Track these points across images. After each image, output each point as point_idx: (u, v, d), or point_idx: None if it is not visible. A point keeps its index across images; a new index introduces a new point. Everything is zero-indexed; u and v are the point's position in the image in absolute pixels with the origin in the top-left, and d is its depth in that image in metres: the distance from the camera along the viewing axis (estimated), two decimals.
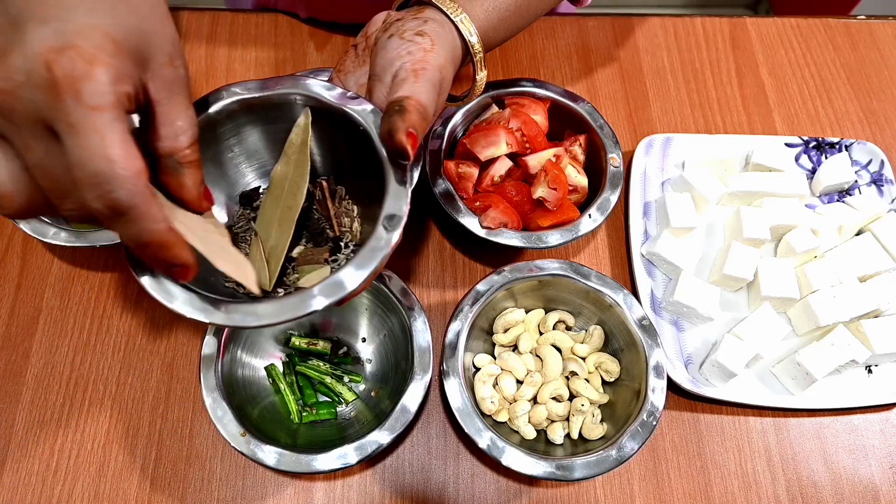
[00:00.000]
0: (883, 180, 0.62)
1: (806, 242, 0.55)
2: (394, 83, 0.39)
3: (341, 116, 0.40)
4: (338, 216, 0.43)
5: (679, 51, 0.71)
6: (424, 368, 0.47)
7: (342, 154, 0.43)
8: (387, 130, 0.36)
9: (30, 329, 0.54)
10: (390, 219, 0.36)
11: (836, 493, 0.50)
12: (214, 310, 0.34)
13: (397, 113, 0.36)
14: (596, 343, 0.52)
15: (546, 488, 0.50)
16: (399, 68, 0.39)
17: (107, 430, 0.51)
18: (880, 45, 0.72)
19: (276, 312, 0.34)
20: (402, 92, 0.38)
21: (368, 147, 0.39)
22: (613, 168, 0.55)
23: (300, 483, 0.49)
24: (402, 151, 0.36)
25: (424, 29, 0.41)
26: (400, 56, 0.40)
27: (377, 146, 0.38)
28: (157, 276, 0.35)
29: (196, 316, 0.34)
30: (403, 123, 0.36)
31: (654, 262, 0.57)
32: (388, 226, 0.36)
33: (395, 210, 0.37)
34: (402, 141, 0.36)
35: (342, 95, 0.40)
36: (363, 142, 0.39)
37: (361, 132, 0.39)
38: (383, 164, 0.38)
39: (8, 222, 0.58)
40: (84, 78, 0.26)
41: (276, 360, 0.52)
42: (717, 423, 0.53)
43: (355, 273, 0.35)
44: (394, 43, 0.41)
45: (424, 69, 0.39)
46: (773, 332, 0.52)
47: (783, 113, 0.68)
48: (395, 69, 0.39)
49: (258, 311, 0.34)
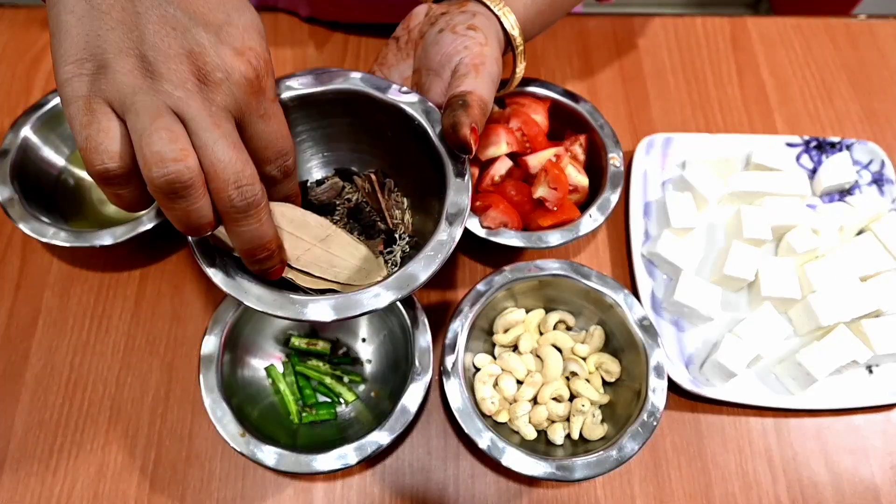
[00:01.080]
0: (884, 180, 0.61)
1: (806, 242, 0.55)
2: (454, 78, 0.40)
3: (394, 111, 0.40)
4: (388, 208, 0.44)
5: (679, 50, 0.71)
6: (424, 368, 0.47)
7: (392, 148, 0.43)
8: (451, 125, 0.37)
9: (29, 329, 0.54)
10: (453, 212, 0.37)
11: (837, 493, 0.50)
12: (290, 305, 0.35)
13: (461, 108, 0.37)
14: (596, 343, 0.52)
15: (546, 489, 0.50)
16: (459, 63, 0.40)
17: (106, 431, 0.51)
18: (881, 45, 0.72)
19: (350, 306, 0.35)
20: (465, 87, 0.39)
21: (422, 141, 0.39)
22: (614, 168, 0.55)
23: (300, 483, 0.49)
24: (465, 145, 0.37)
25: (475, 23, 0.42)
26: (458, 51, 0.40)
27: (433, 140, 0.39)
28: (229, 274, 0.36)
29: (274, 311, 0.35)
30: (467, 118, 0.37)
31: (654, 262, 0.57)
32: (452, 219, 0.37)
33: (457, 203, 0.38)
34: (467, 135, 0.37)
35: (395, 90, 0.40)
36: (416, 136, 0.40)
37: (416, 126, 0.39)
38: (441, 158, 0.39)
39: (7, 223, 0.58)
40: (266, 75, 0.32)
41: (275, 361, 0.52)
42: (718, 423, 0.52)
43: (425, 266, 0.36)
44: (447, 38, 0.41)
45: (483, 64, 0.40)
46: (774, 332, 0.52)
47: (784, 113, 0.68)
48: (454, 64, 0.40)
49: (332, 307, 0.35)
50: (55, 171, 0.58)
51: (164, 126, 0.29)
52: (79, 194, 0.59)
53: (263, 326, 0.52)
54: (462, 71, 0.40)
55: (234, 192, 0.31)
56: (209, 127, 0.30)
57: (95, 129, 0.29)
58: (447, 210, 0.37)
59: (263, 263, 0.35)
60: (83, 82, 0.30)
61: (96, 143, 0.29)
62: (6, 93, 0.65)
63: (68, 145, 0.59)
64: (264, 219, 0.33)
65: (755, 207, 0.57)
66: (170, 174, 0.29)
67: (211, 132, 0.30)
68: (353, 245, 0.41)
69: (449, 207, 0.37)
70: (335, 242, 0.40)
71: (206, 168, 0.30)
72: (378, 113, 0.41)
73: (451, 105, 0.38)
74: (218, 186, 0.31)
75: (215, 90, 0.30)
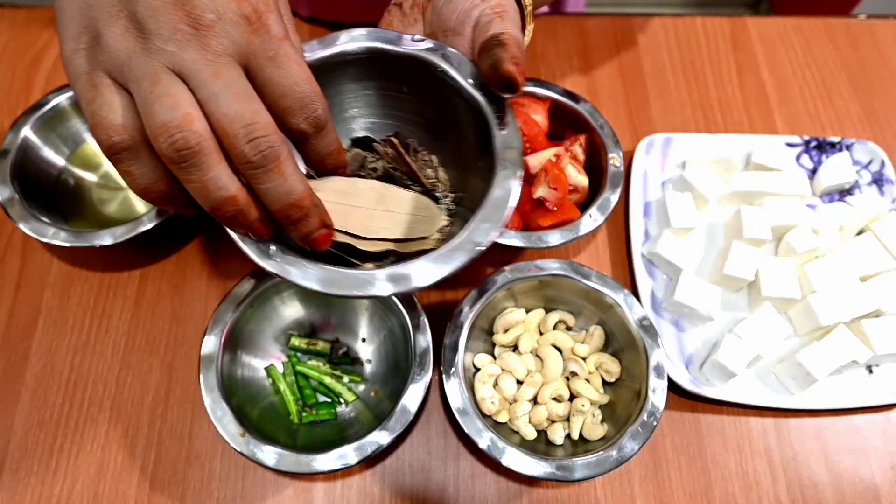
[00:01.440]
0: (884, 180, 0.61)
1: (806, 242, 0.55)
2: (478, 28, 0.37)
3: (412, 63, 0.37)
4: (420, 169, 0.41)
5: (679, 50, 0.71)
6: (424, 369, 0.47)
7: (412, 105, 0.40)
8: (490, 64, 0.34)
9: (29, 329, 0.54)
10: (507, 156, 0.34)
11: (837, 493, 0.50)
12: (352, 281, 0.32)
13: (498, 46, 0.35)
14: (596, 343, 0.52)
15: (546, 489, 0.50)
16: (480, 15, 0.38)
17: (106, 431, 0.51)
18: (881, 45, 0.72)
19: (434, 270, 0.32)
20: (494, 30, 0.36)
21: (447, 89, 0.37)
22: (614, 168, 0.55)
23: (300, 483, 0.49)
24: (511, 80, 0.34)
25: None
26: (475, 5, 0.38)
27: (462, 85, 0.36)
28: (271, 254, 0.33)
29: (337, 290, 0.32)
30: (506, 54, 0.34)
31: (654, 262, 0.57)
32: (507, 164, 0.34)
33: (509, 145, 0.34)
34: (511, 70, 0.34)
35: (408, 40, 0.37)
36: (440, 85, 0.37)
37: (439, 74, 0.37)
38: (476, 101, 0.36)
39: (7, 223, 0.58)
40: (268, 11, 0.29)
41: (275, 361, 0.52)
42: (718, 423, 0.52)
43: (493, 220, 0.33)
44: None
45: (506, 11, 0.38)
46: (774, 332, 0.52)
47: (784, 112, 0.68)
48: (474, 19, 0.38)
49: (412, 272, 0.32)
50: (55, 171, 0.58)
51: (164, 92, 0.28)
52: (79, 194, 0.59)
53: (263, 326, 0.52)
54: (485, 20, 0.37)
55: (247, 146, 0.28)
56: (209, 79, 0.28)
57: (99, 105, 0.29)
58: (499, 156, 0.34)
59: (302, 227, 0.32)
60: (82, 57, 0.29)
61: (101, 119, 0.29)
62: (6, 93, 0.65)
63: (68, 145, 0.59)
64: (289, 173, 0.30)
65: (755, 207, 0.57)
66: (176, 142, 0.27)
67: (211, 84, 0.28)
68: (409, 196, 0.38)
69: (500, 152, 0.34)
70: (391, 199, 0.37)
71: (215, 126, 0.28)
72: (391, 70, 0.38)
73: (486, 47, 0.35)
74: (229, 143, 0.29)
75: (209, 34, 0.28)
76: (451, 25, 0.39)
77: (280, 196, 0.30)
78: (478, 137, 0.36)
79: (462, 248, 0.33)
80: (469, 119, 0.37)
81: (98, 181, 0.60)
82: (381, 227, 0.36)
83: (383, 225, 0.36)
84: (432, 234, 0.38)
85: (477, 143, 0.36)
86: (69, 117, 0.58)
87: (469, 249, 0.33)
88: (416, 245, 0.37)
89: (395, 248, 0.37)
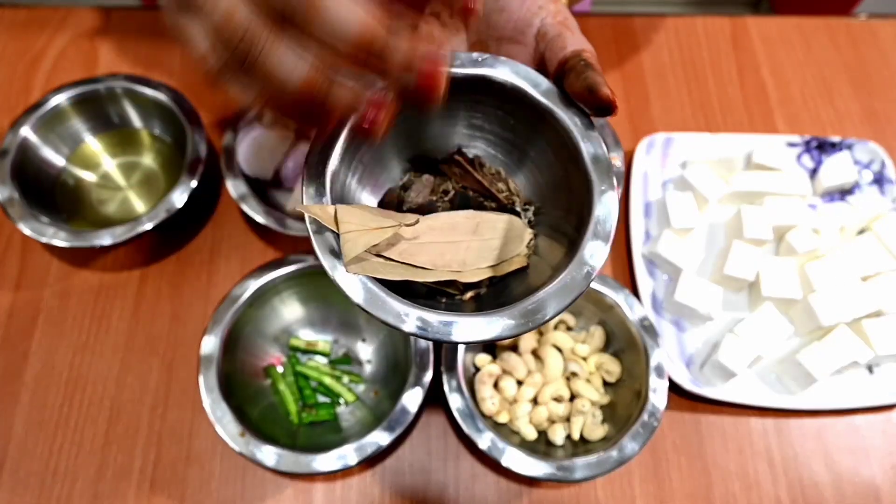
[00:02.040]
0: (884, 180, 0.61)
1: (807, 242, 0.55)
2: (549, 40, 0.37)
3: (477, 81, 0.36)
4: (492, 184, 0.40)
5: (680, 50, 0.71)
6: (424, 369, 0.47)
7: (472, 122, 0.39)
8: (586, 87, 0.34)
9: (28, 330, 0.54)
10: (598, 169, 0.33)
11: (838, 493, 0.50)
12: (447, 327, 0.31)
13: (587, 68, 0.34)
14: (597, 343, 0.52)
15: (547, 489, 0.50)
16: (542, 24, 0.37)
17: (105, 431, 0.51)
18: (882, 45, 0.72)
19: (561, 301, 0.31)
20: (573, 46, 0.36)
21: (515, 104, 0.36)
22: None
23: (300, 484, 0.49)
24: (610, 104, 0.34)
25: None
26: (533, 12, 0.38)
27: (534, 98, 0.35)
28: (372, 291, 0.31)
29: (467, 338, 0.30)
30: (600, 77, 0.34)
31: (655, 262, 0.57)
32: (603, 177, 0.33)
33: (597, 158, 0.34)
34: (608, 94, 0.33)
35: (471, 61, 0.36)
36: (507, 100, 0.36)
37: (510, 90, 0.36)
38: (557, 117, 0.35)
39: (7, 223, 0.58)
40: None
41: (275, 361, 0.52)
42: (719, 423, 0.52)
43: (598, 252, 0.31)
44: (513, 1, 0.38)
45: (567, 19, 0.37)
46: (775, 332, 0.52)
47: (784, 112, 0.68)
48: (535, 27, 0.37)
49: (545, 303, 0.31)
50: (55, 171, 0.58)
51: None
52: (79, 194, 0.59)
53: (263, 326, 0.52)
54: (553, 31, 0.37)
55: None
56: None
57: (184, 23, 0.27)
58: (590, 164, 0.33)
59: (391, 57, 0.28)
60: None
61: (188, 36, 0.27)
62: (6, 93, 0.65)
63: (68, 145, 0.59)
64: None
65: (756, 207, 0.57)
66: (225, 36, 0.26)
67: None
68: (501, 221, 0.38)
69: (591, 161, 0.33)
70: (485, 226, 0.37)
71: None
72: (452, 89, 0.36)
73: (574, 68, 0.35)
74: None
75: None
76: (508, 34, 0.38)
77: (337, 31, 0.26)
78: (558, 150, 0.36)
79: (575, 277, 0.31)
80: (546, 131, 0.36)
81: (98, 181, 0.60)
82: (479, 257, 0.36)
83: (482, 255, 0.36)
84: (522, 250, 0.37)
85: (557, 156, 0.36)
86: (69, 117, 0.58)
87: (586, 274, 0.31)
88: (507, 266, 0.36)
89: (493, 274, 0.36)
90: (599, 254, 0.31)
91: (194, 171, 0.54)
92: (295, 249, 0.57)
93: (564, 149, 0.35)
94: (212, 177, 0.59)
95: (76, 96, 0.57)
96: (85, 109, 0.58)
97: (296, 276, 0.51)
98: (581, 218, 0.33)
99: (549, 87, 0.36)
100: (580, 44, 0.36)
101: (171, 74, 0.66)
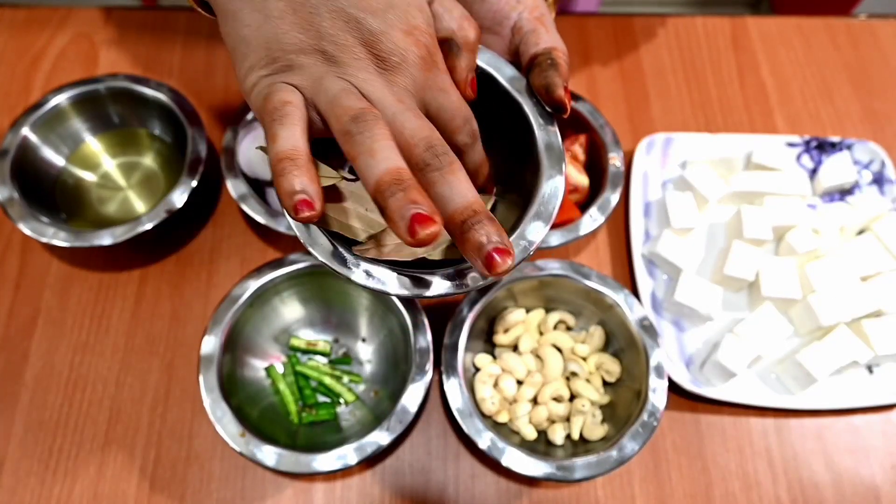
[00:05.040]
0: (884, 180, 0.61)
1: (807, 242, 0.55)
2: (523, 34, 0.39)
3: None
4: None
5: (679, 50, 0.71)
6: (424, 369, 0.47)
7: None
8: (543, 86, 0.36)
9: (28, 330, 0.54)
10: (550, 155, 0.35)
11: (838, 493, 0.50)
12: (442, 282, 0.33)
13: (551, 68, 0.37)
14: (596, 343, 0.52)
15: (546, 489, 0.50)
16: (518, 19, 0.39)
17: (106, 431, 0.51)
18: (882, 45, 0.72)
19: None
20: (545, 43, 0.38)
21: (484, 87, 0.38)
22: (614, 168, 0.55)
23: (300, 484, 0.49)
24: (561, 106, 0.36)
25: None
26: (512, 6, 0.39)
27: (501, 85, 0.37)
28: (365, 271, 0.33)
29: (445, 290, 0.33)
30: (560, 79, 0.36)
31: (654, 262, 0.57)
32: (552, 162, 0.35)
33: (551, 145, 0.36)
34: (562, 96, 0.36)
35: None
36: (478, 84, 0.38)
37: (480, 75, 0.37)
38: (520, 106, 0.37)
39: (7, 223, 0.58)
40: (436, 51, 0.33)
41: (275, 361, 0.52)
42: (718, 423, 0.52)
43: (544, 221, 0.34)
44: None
45: (544, 15, 0.39)
46: (775, 332, 0.52)
47: (784, 112, 0.68)
48: (512, 20, 0.39)
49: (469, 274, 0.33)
50: (55, 171, 0.58)
51: (352, 92, 0.30)
52: (79, 194, 0.59)
53: (263, 326, 0.52)
54: (528, 26, 0.39)
55: (426, 152, 0.30)
56: (394, 103, 0.31)
57: (277, 88, 0.31)
58: (545, 155, 0.35)
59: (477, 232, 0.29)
60: (266, 77, 0.31)
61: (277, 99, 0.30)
62: (6, 93, 0.65)
63: (68, 145, 0.59)
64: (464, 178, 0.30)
65: (756, 207, 0.57)
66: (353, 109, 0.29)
67: (396, 106, 0.31)
68: None
69: (544, 151, 0.35)
70: None
71: (397, 138, 0.30)
72: None
73: (540, 65, 0.37)
74: (409, 152, 0.30)
75: (395, 73, 0.32)
76: (486, 24, 0.40)
77: (455, 196, 0.30)
78: (517, 137, 0.37)
79: (517, 248, 0.33)
80: (508, 117, 0.38)
81: (98, 181, 0.60)
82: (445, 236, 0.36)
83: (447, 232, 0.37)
84: None
85: (516, 142, 0.37)
86: (69, 117, 0.58)
87: (523, 249, 0.33)
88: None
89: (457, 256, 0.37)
90: (538, 232, 0.33)
91: (194, 171, 0.54)
92: (295, 249, 0.57)
93: (524, 134, 0.37)
94: (212, 177, 0.59)
95: (76, 96, 0.57)
96: (85, 109, 0.59)
97: (296, 276, 0.51)
98: (529, 199, 0.35)
99: (515, 76, 0.38)
100: (553, 42, 0.38)
101: (171, 74, 0.66)
